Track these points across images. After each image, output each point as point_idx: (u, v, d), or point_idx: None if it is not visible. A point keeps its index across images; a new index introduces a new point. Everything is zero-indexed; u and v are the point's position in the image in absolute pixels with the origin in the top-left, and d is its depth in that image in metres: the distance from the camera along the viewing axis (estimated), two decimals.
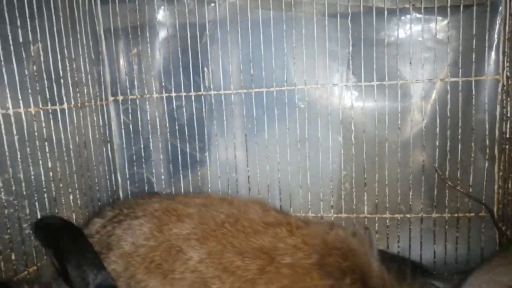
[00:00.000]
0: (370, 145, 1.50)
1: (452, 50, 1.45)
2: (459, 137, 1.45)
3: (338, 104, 1.54)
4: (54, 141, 1.35)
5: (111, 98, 1.68)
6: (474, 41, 1.41)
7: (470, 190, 1.46)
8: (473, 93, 1.43)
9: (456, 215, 1.49)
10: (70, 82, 1.43)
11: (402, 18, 1.49)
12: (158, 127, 1.65)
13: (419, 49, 1.46)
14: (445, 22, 1.46)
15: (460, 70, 1.44)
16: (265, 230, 1.14)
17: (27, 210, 1.22)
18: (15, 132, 1.18)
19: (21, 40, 1.22)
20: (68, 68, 1.42)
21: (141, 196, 1.54)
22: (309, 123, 1.53)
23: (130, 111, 1.67)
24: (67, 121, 1.41)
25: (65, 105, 1.41)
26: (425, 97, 1.50)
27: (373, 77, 1.49)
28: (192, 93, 1.60)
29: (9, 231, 1.15)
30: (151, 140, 1.66)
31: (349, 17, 1.47)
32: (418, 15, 1.47)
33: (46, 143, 1.30)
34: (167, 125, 1.65)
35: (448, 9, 1.43)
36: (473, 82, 1.43)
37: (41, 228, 1.20)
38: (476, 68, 1.42)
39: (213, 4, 1.56)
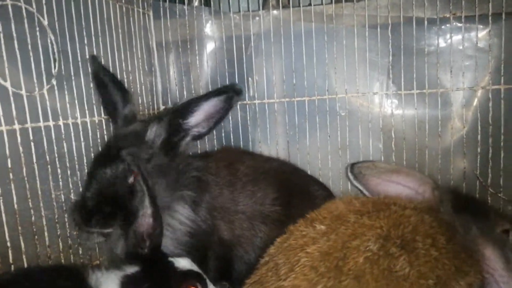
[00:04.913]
0: (411, 152, 1.54)
1: (494, 58, 1.47)
2: (501, 144, 1.46)
3: (378, 112, 1.59)
4: None
5: (162, 107, 1.80)
6: None
7: None
8: None
9: None
10: None
11: (442, 27, 1.52)
12: None
13: (459, 58, 1.49)
14: (487, 30, 1.48)
15: (502, 77, 1.45)
16: None
17: None
18: (82, 139, 1.31)
19: (87, 56, 1.35)
20: (125, 79, 1.55)
21: None
22: (350, 130, 1.59)
23: None
24: None
25: None
26: (466, 105, 1.52)
27: (413, 86, 1.53)
28: (238, 102, 1.69)
29: (76, 227, 1.27)
30: (199, 146, 1.76)
31: (389, 28, 1.52)
32: (459, 24, 1.50)
33: None
34: (214, 132, 1.74)
35: (490, 18, 1.45)
36: None
37: None
38: None
39: (257, 18, 1.65)
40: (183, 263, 1.05)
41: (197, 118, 1.29)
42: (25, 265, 1.09)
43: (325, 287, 0.86)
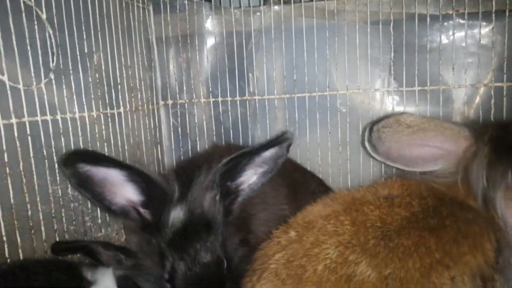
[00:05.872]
0: None
1: (497, 55, 1.46)
2: None
3: (379, 109, 1.57)
4: (112, 142, 1.46)
5: (161, 103, 1.79)
6: None
7: None
8: None
9: None
10: (126, 87, 1.55)
11: (445, 24, 1.50)
12: (205, 130, 1.75)
13: (462, 55, 1.47)
14: (490, 27, 1.46)
15: (505, 75, 1.44)
16: None
17: (88, 204, 1.33)
18: (80, 134, 1.30)
19: (86, 50, 1.34)
20: (124, 75, 1.54)
21: None
22: (350, 127, 1.58)
23: (179, 115, 1.77)
24: (123, 124, 1.53)
25: (122, 109, 1.52)
26: (467, 102, 1.51)
27: (415, 83, 1.51)
28: (238, 98, 1.68)
29: (74, 223, 1.27)
30: (198, 142, 1.76)
31: (392, 24, 1.51)
32: (462, 21, 1.48)
33: (105, 144, 1.42)
34: (214, 128, 1.74)
35: (493, 15, 1.43)
36: None
37: None
38: None
39: (258, 13, 1.64)
40: None
41: (247, 176, 1.15)
42: None
43: None
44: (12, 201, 1.06)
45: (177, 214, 1.03)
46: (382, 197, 1.02)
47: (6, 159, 1.05)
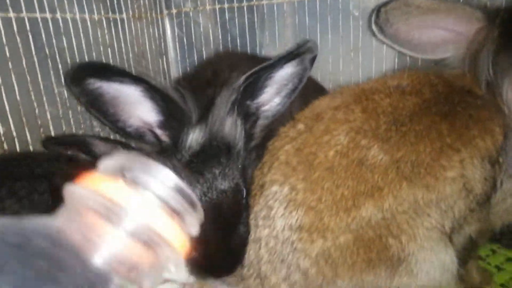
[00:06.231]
0: None
1: None
2: None
3: None
4: (116, 49, 1.42)
5: (165, 11, 1.71)
6: None
7: None
8: None
9: None
10: None
11: None
12: (211, 39, 1.68)
13: None
14: None
15: None
16: None
17: None
18: (82, 36, 1.26)
19: None
20: None
21: None
22: (363, 31, 1.50)
23: (184, 24, 1.69)
24: (126, 31, 1.47)
25: (124, 15, 1.46)
26: None
27: None
28: (245, 4, 1.60)
29: (82, 126, 1.26)
30: (204, 52, 1.70)
31: None
32: None
33: (109, 50, 1.38)
34: (220, 37, 1.67)
35: None
36: None
37: None
38: None
39: None
40: None
41: (269, 94, 1.04)
42: None
43: (298, 179, 0.90)
44: (18, 98, 1.05)
45: (196, 136, 0.95)
46: (392, 87, 0.99)
47: (8, 55, 1.02)
